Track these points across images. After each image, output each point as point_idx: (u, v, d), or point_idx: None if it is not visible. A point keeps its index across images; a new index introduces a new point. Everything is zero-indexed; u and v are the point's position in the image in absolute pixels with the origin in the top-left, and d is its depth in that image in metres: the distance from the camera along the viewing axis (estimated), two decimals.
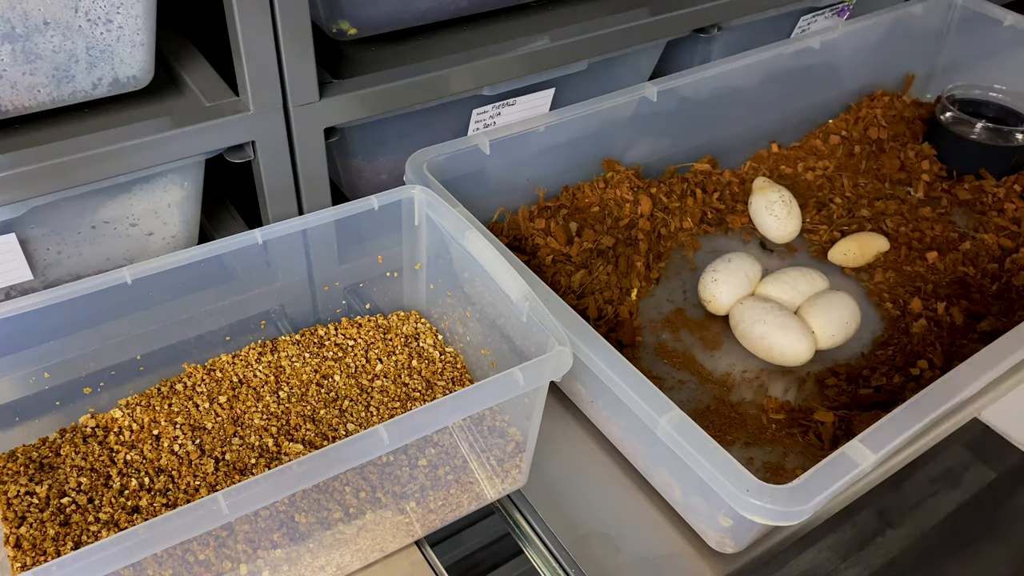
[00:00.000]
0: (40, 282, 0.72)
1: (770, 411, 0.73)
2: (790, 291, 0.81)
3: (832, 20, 1.10)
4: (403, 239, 0.76)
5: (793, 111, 1.09)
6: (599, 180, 0.93)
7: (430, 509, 0.62)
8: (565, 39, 0.86)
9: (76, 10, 0.61)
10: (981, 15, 1.14)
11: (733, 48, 1.02)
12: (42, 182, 0.64)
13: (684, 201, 0.94)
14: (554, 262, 0.83)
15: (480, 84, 0.83)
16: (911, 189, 1.01)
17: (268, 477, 0.48)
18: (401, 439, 0.52)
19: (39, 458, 0.64)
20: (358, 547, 0.60)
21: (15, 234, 0.67)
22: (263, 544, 0.54)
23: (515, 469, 0.65)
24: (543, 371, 0.56)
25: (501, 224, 0.87)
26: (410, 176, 0.78)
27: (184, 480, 0.62)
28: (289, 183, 0.78)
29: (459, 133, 0.87)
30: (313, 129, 0.76)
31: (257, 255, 0.69)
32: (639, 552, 0.64)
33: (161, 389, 0.69)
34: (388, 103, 0.78)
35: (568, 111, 0.88)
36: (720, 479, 0.55)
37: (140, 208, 0.73)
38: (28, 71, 0.62)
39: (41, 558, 0.57)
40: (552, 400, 0.73)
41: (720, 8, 0.95)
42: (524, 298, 0.62)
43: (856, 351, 0.80)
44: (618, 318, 0.80)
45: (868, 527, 0.68)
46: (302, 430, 0.66)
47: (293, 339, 0.74)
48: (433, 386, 0.72)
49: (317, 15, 0.75)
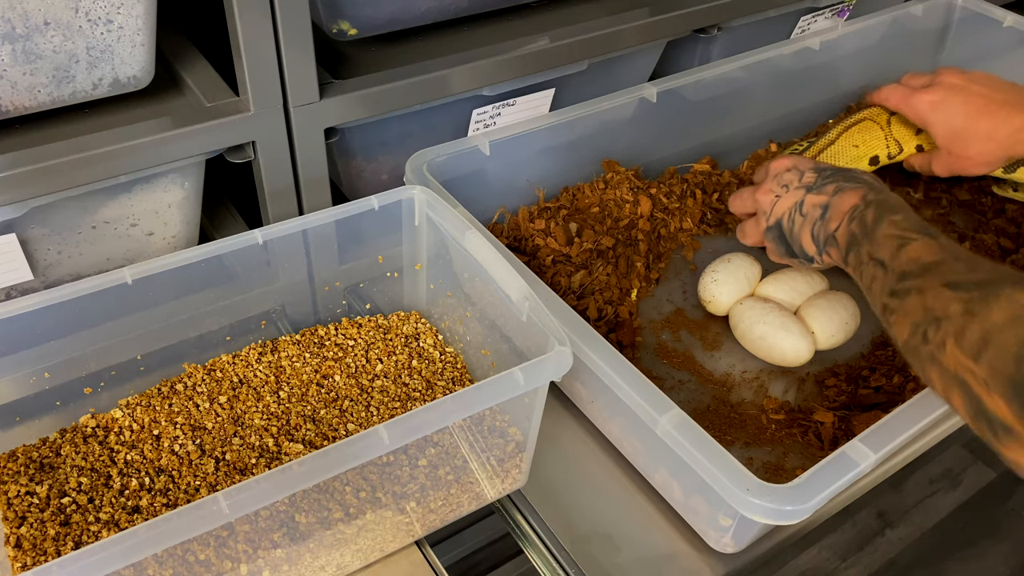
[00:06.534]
0: (40, 282, 0.72)
1: (770, 411, 0.73)
2: (790, 291, 0.81)
3: (832, 20, 1.10)
4: (403, 239, 0.76)
5: (793, 111, 1.09)
6: (599, 181, 0.93)
7: (430, 509, 0.62)
8: (565, 39, 0.86)
9: (76, 10, 0.61)
10: (981, 15, 1.14)
11: (733, 48, 1.02)
12: (42, 182, 0.64)
13: (684, 202, 0.94)
14: (554, 262, 0.83)
15: (480, 84, 0.83)
16: (911, 189, 1.00)
17: (268, 477, 0.48)
18: (401, 439, 0.52)
19: (39, 458, 0.64)
20: (358, 547, 0.60)
21: (15, 234, 0.67)
22: (263, 544, 0.54)
23: (515, 469, 0.65)
24: (543, 371, 0.56)
25: (501, 225, 0.87)
26: (410, 176, 0.78)
27: (184, 480, 0.62)
28: (289, 183, 0.78)
29: (459, 133, 0.87)
30: (313, 129, 0.76)
31: (257, 255, 0.69)
32: (639, 552, 0.64)
33: (161, 389, 0.69)
34: (388, 103, 0.78)
35: (568, 111, 0.88)
36: (720, 478, 0.55)
37: (140, 208, 0.73)
38: (28, 71, 0.62)
39: (41, 558, 0.57)
40: (552, 400, 0.73)
41: (720, 8, 0.95)
42: (524, 298, 0.62)
43: (856, 351, 0.80)
44: (618, 318, 0.80)
45: (868, 527, 0.68)
46: (302, 430, 0.66)
47: (293, 339, 0.74)
48: (433, 386, 0.72)
49: (317, 15, 0.75)
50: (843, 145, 0.92)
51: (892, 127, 0.91)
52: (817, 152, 0.92)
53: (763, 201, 0.73)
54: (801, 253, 0.70)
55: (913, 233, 0.59)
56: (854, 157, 0.92)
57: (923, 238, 0.58)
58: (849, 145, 0.92)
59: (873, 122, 0.92)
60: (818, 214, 0.67)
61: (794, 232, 0.70)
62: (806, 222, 0.68)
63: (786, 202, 0.71)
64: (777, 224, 0.72)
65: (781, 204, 0.71)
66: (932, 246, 0.56)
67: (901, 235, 0.59)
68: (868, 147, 0.92)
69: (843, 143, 0.92)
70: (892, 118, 0.91)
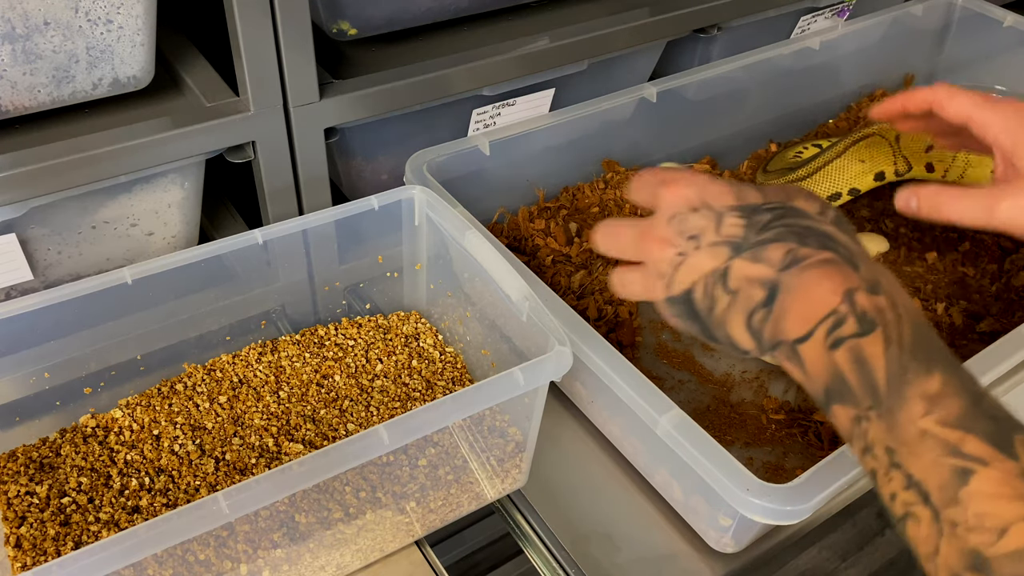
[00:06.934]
0: (40, 282, 0.72)
1: (770, 411, 0.73)
2: None
3: (832, 20, 1.10)
4: (403, 239, 0.76)
5: (793, 111, 1.09)
6: (599, 181, 0.93)
7: (430, 509, 0.62)
8: (565, 39, 0.86)
9: (76, 10, 0.61)
10: (981, 15, 1.14)
11: (733, 48, 1.02)
12: (42, 182, 0.64)
13: None
14: (554, 262, 0.84)
15: (480, 84, 0.83)
16: None
17: (268, 477, 0.48)
18: (401, 439, 0.52)
19: (39, 458, 0.64)
20: (358, 547, 0.60)
21: (15, 234, 0.67)
22: (263, 544, 0.54)
23: (515, 469, 0.65)
24: (543, 371, 0.56)
25: (501, 224, 0.87)
26: (410, 176, 0.78)
27: (184, 480, 0.62)
28: (289, 183, 0.78)
29: (459, 133, 0.87)
30: (313, 129, 0.76)
31: (257, 255, 0.69)
32: (639, 552, 0.64)
33: (161, 389, 0.69)
34: (388, 103, 0.78)
35: (568, 111, 0.88)
36: (720, 478, 0.55)
37: (140, 208, 0.73)
38: (28, 71, 0.62)
39: (41, 558, 0.57)
40: (552, 400, 0.73)
41: (720, 8, 0.95)
42: (524, 298, 0.62)
43: None
44: (618, 318, 0.80)
45: (868, 527, 0.68)
46: (302, 430, 0.66)
47: (293, 339, 0.74)
48: (433, 386, 0.72)
49: (317, 15, 0.75)
50: (849, 160, 0.90)
51: (901, 143, 0.89)
52: (821, 165, 0.91)
53: (657, 256, 0.47)
54: (728, 342, 0.46)
55: (976, 437, 0.36)
56: (859, 172, 0.91)
57: (1000, 459, 0.35)
58: (855, 160, 0.90)
59: (882, 138, 0.90)
60: (759, 299, 0.43)
61: (715, 314, 0.45)
62: (736, 304, 0.44)
63: (698, 265, 0.45)
64: (685, 296, 0.46)
65: (689, 268, 0.45)
66: (1013, 476, 0.35)
67: (955, 441, 0.36)
68: (875, 163, 0.91)
69: (849, 157, 0.90)
70: (902, 135, 0.89)
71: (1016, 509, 0.34)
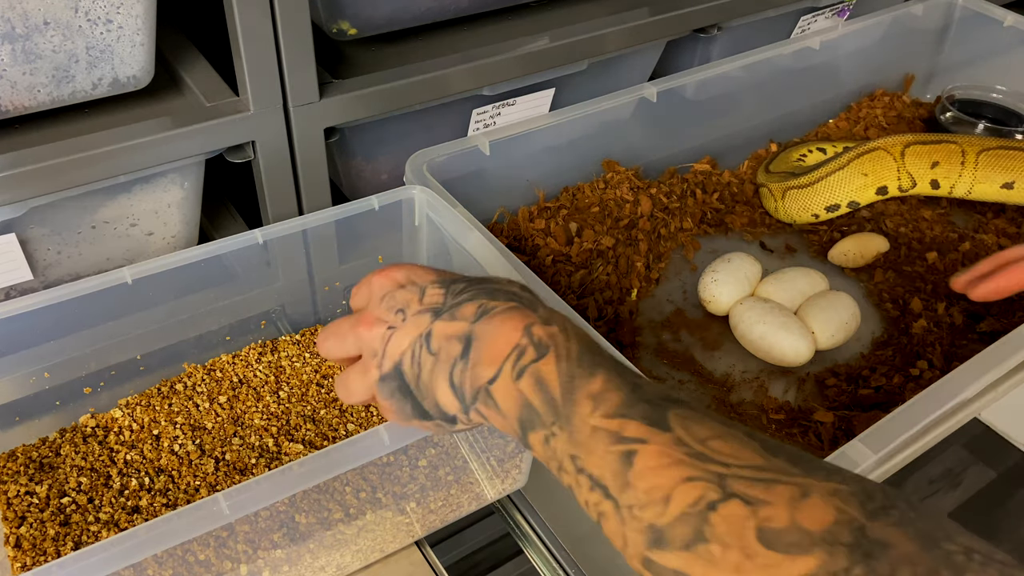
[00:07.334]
0: (40, 282, 0.72)
1: (770, 411, 0.73)
2: (790, 291, 0.81)
3: (832, 20, 1.10)
4: (403, 239, 0.76)
5: (793, 111, 1.09)
6: (599, 180, 0.93)
7: (430, 509, 0.62)
8: (565, 39, 0.86)
9: (76, 10, 0.61)
10: (981, 15, 1.14)
11: (733, 48, 1.02)
12: (42, 182, 0.64)
13: (684, 201, 0.95)
14: (554, 262, 0.83)
15: (480, 84, 0.83)
16: None
17: (269, 477, 0.48)
18: (401, 439, 0.52)
19: (39, 458, 0.64)
20: (358, 547, 0.60)
21: (15, 234, 0.67)
22: (263, 544, 0.54)
23: (515, 469, 0.65)
24: None
25: (501, 224, 0.87)
26: (410, 176, 0.78)
27: (184, 480, 0.62)
28: (289, 183, 0.78)
29: (459, 133, 0.87)
30: (313, 129, 0.76)
31: (257, 255, 0.69)
32: None
33: (161, 389, 0.69)
34: (388, 103, 0.78)
35: (568, 111, 0.88)
36: None
37: (140, 208, 0.73)
38: (28, 71, 0.62)
39: (41, 558, 0.57)
40: None
41: (720, 8, 0.95)
42: None
43: (856, 351, 0.80)
44: (618, 318, 0.80)
45: None
46: (302, 430, 0.66)
47: (293, 339, 0.74)
48: None
49: (317, 15, 0.75)
50: (852, 172, 0.91)
51: (906, 159, 0.89)
52: (824, 175, 0.91)
53: (369, 336, 0.48)
54: (437, 412, 0.46)
55: (635, 421, 0.38)
56: (862, 186, 0.91)
57: (656, 433, 0.37)
58: (858, 173, 0.90)
59: (886, 152, 0.90)
60: (456, 352, 0.44)
61: (422, 381, 0.46)
62: (439, 364, 0.45)
63: (405, 336, 0.46)
64: (395, 371, 0.47)
65: (398, 340, 0.46)
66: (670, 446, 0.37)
67: (617, 428, 0.38)
68: (878, 176, 0.91)
69: (852, 170, 0.91)
70: (907, 150, 0.89)
71: (675, 473, 0.36)
